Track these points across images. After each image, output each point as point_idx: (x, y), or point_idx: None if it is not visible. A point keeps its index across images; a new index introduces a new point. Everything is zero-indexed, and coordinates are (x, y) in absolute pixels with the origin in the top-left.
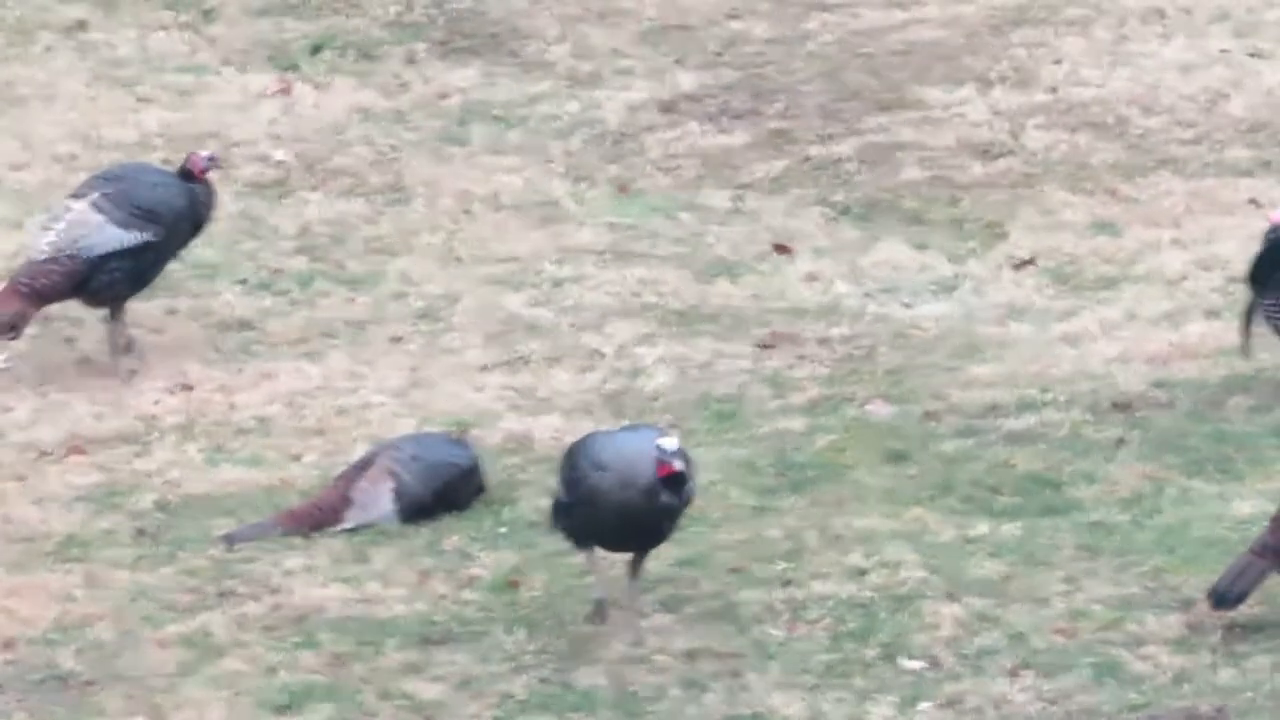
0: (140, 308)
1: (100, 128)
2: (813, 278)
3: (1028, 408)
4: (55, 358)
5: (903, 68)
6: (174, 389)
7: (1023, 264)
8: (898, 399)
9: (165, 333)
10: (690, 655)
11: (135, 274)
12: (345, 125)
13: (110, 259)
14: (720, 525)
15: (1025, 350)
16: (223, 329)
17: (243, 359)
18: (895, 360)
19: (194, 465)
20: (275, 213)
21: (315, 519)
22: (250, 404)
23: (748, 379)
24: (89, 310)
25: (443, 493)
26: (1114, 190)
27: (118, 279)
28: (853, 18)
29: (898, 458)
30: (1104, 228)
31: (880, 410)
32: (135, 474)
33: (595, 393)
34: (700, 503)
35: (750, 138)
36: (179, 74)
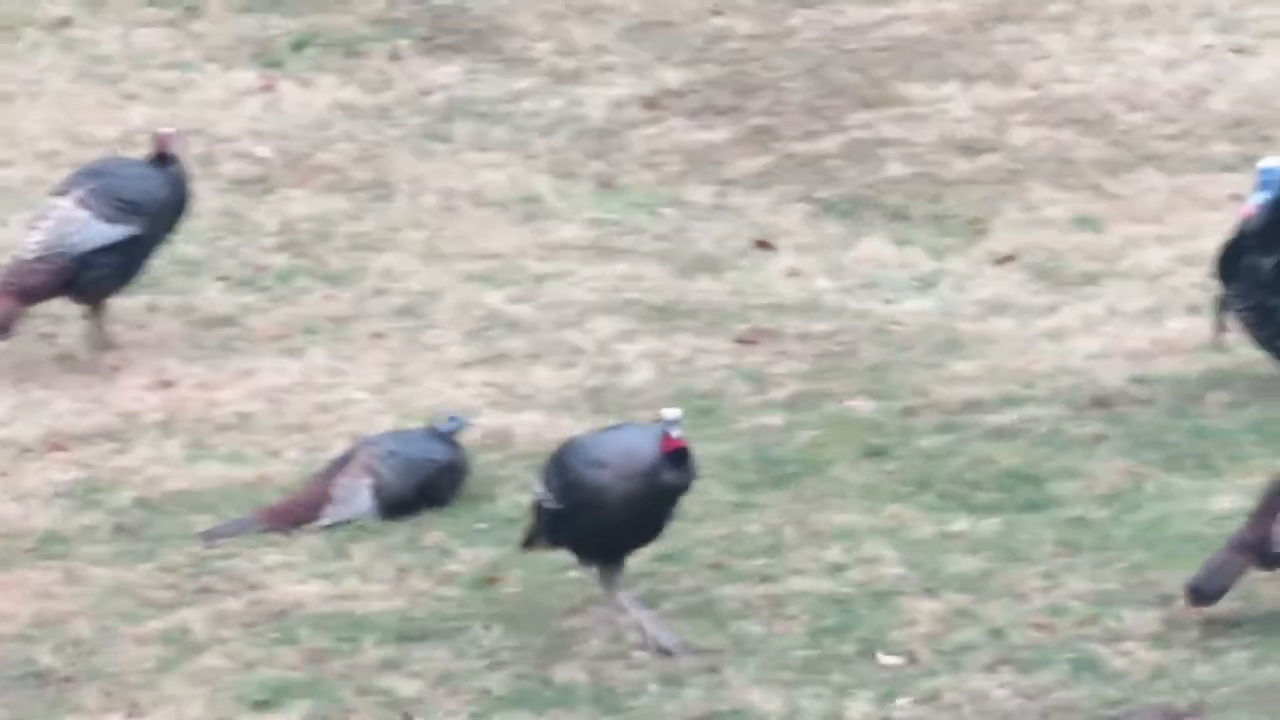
0: (122, 304)
1: (85, 124)
2: (794, 273)
3: (1008, 404)
4: (35, 354)
5: (886, 64)
6: (154, 385)
7: (1004, 260)
8: (878, 395)
9: (146, 329)
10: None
11: (123, 268)
12: (328, 122)
13: (98, 254)
14: (699, 521)
15: (1006, 346)
16: (204, 325)
17: (224, 355)
18: (876, 356)
19: (174, 462)
20: (257, 209)
21: (295, 515)
22: (231, 400)
23: (728, 375)
24: (69, 306)
25: (422, 488)
26: (1097, 186)
27: (106, 274)
28: (836, 14)
29: (877, 453)
30: (1087, 223)
31: (861, 406)
32: (115, 470)
33: (576, 389)
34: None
35: (733, 134)
36: (163, 70)
